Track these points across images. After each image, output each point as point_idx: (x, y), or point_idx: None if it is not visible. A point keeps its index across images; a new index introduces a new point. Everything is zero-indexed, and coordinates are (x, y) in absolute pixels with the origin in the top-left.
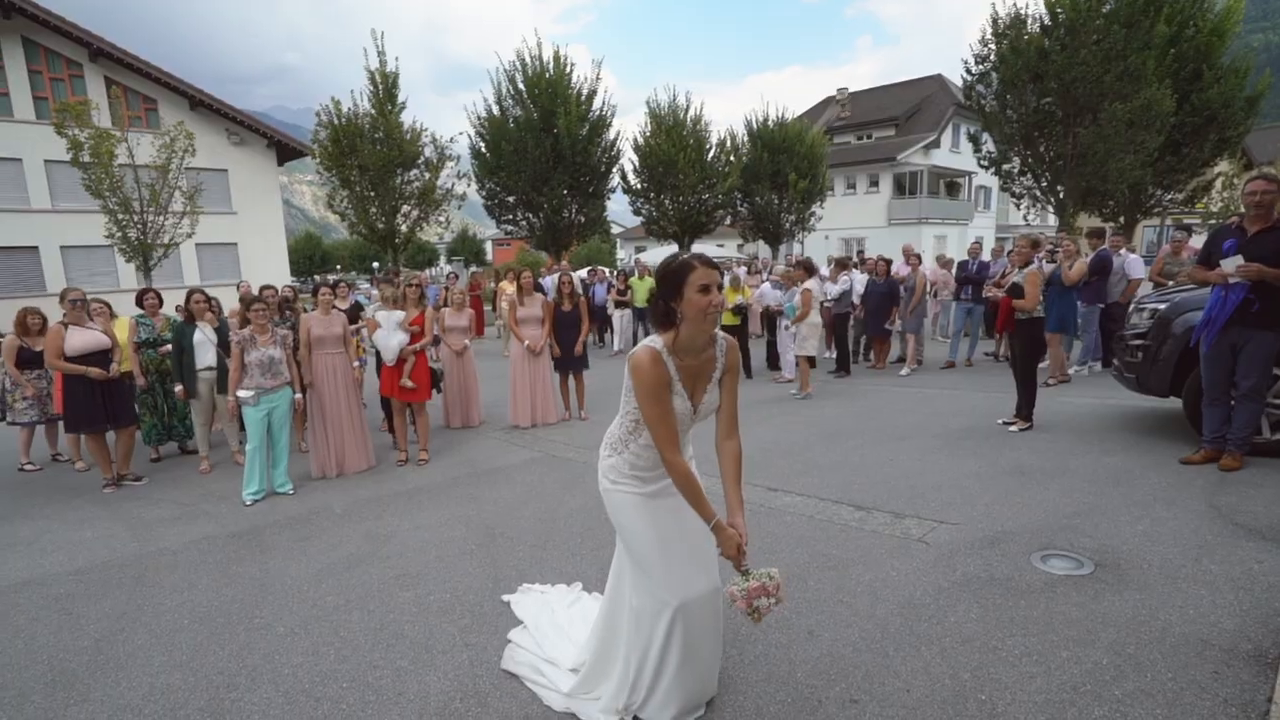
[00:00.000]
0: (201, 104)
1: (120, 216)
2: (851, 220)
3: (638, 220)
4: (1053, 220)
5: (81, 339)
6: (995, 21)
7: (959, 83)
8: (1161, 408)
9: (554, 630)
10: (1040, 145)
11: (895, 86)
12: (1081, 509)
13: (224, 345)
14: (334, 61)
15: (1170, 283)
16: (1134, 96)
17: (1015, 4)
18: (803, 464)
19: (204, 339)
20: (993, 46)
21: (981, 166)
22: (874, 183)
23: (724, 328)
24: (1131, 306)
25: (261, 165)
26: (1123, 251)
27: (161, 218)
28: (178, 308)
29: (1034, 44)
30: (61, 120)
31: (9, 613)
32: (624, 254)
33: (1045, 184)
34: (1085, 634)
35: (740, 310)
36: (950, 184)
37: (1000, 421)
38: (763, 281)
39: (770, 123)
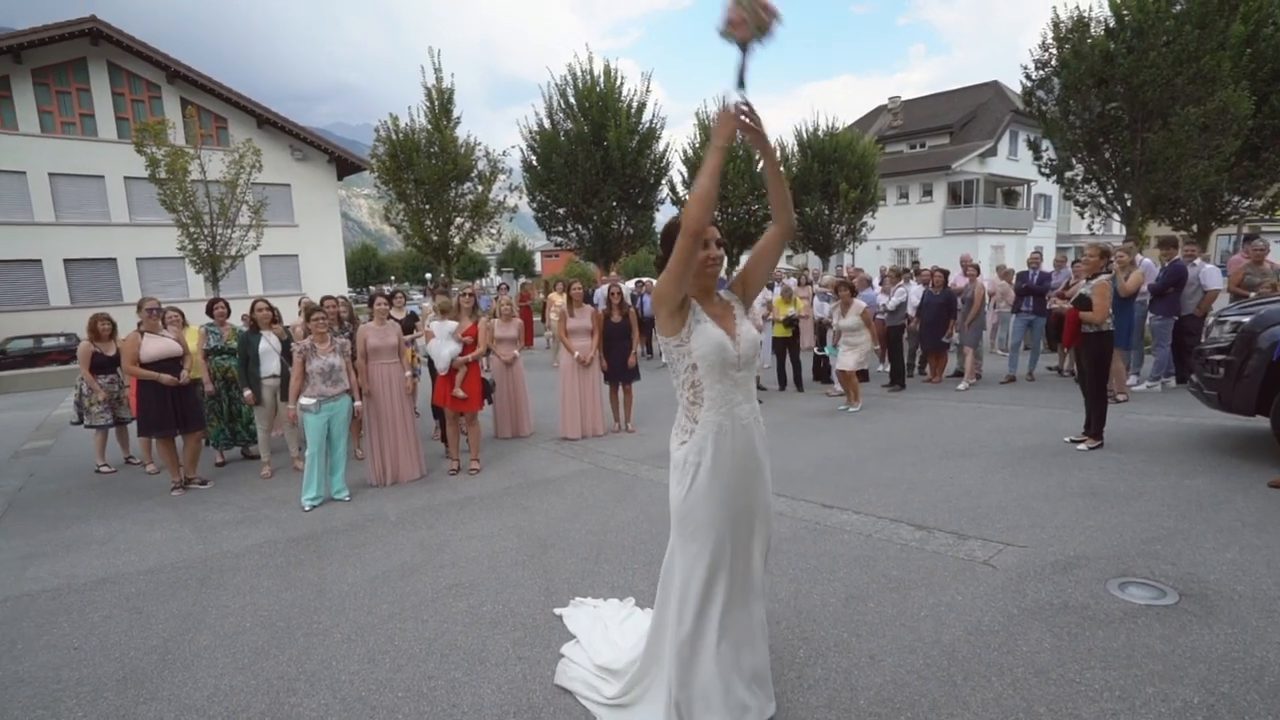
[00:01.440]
0: (268, 122)
1: (192, 230)
2: (904, 230)
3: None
4: (1117, 229)
5: (155, 346)
6: (1057, 26)
7: (1016, 89)
8: (1246, 427)
9: (606, 645)
10: (1105, 151)
11: (949, 94)
12: (1161, 534)
13: (288, 354)
14: (391, 79)
15: (1252, 294)
16: (1208, 99)
17: (1078, 7)
18: (858, 480)
19: (268, 348)
20: (1054, 51)
21: (1042, 174)
22: (928, 192)
23: (776, 340)
24: (1210, 319)
25: (322, 180)
26: (1198, 261)
27: (229, 231)
28: (243, 317)
29: (1098, 48)
30: (141, 139)
31: (85, 609)
32: None
33: (1111, 191)
34: (1172, 669)
35: (792, 322)
36: (1008, 193)
37: (1068, 439)
38: (814, 293)
39: (820, 132)
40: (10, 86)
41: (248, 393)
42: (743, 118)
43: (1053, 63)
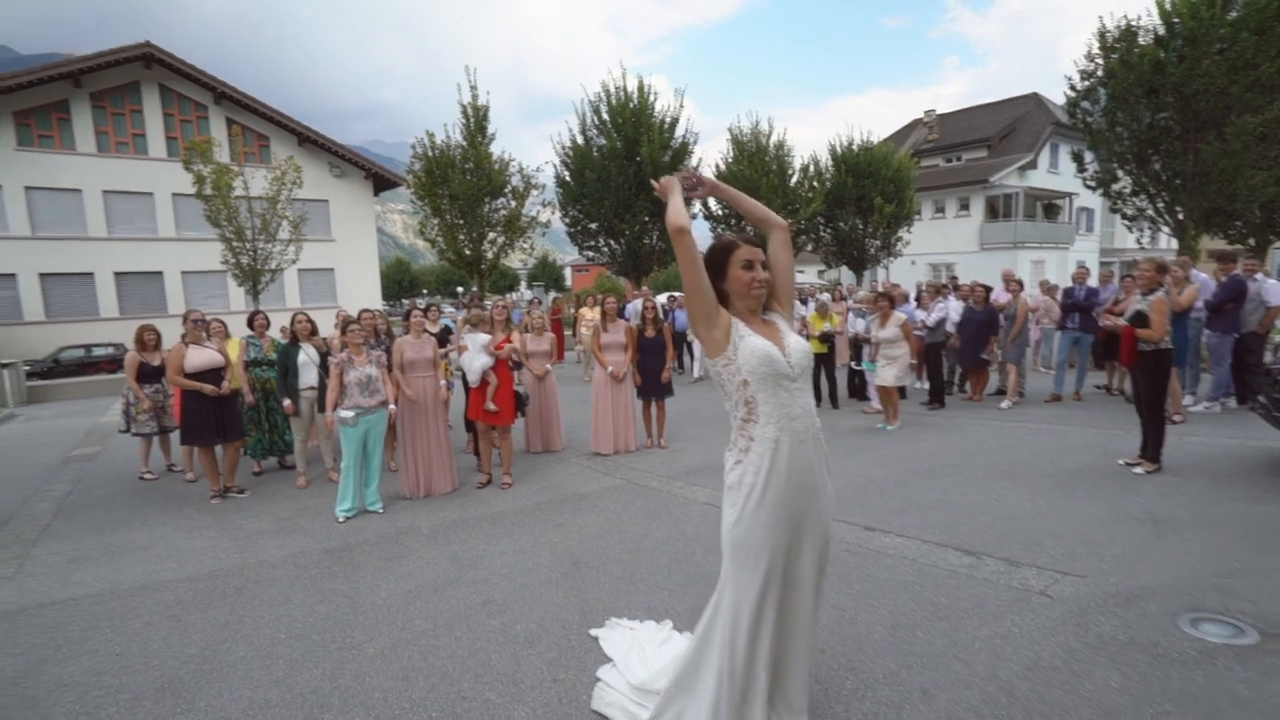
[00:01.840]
0: (308, 140)
1: (234, 244)
2: (940, 245)
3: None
4: (1165, 243)
5: (199, 357)
6: (1103, 35)
7: (1057, 101)
8: None
9: (643, 669)
10: (1155, 163)
11: (986, 107)
12: (1234, 567)
13: (325, 366)
14: (426, 98)
15: None
16: (1266, 108)
17: (1125, 16)
18: (900, 502)
19: (307, 360)
20: (1100, 61)
21: (1088, 187)
22: (964, 206)
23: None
24: (1278, 337)
25: (359, 195)
26: (1259, 276)
27: (270, 245)
28: (282, 329)
29: (1148, 56)
30: (189, 157)
31: (127, 616)
32: None
33: (1162, 204)
34: (1261, 719)
35: (828, 338)
36: (1048, 206)
37: (1122, 462)
38: (848, 308)
39: (855, 146)
40: (70, 109)
41: (287, 402)
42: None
43: (1099, 73)
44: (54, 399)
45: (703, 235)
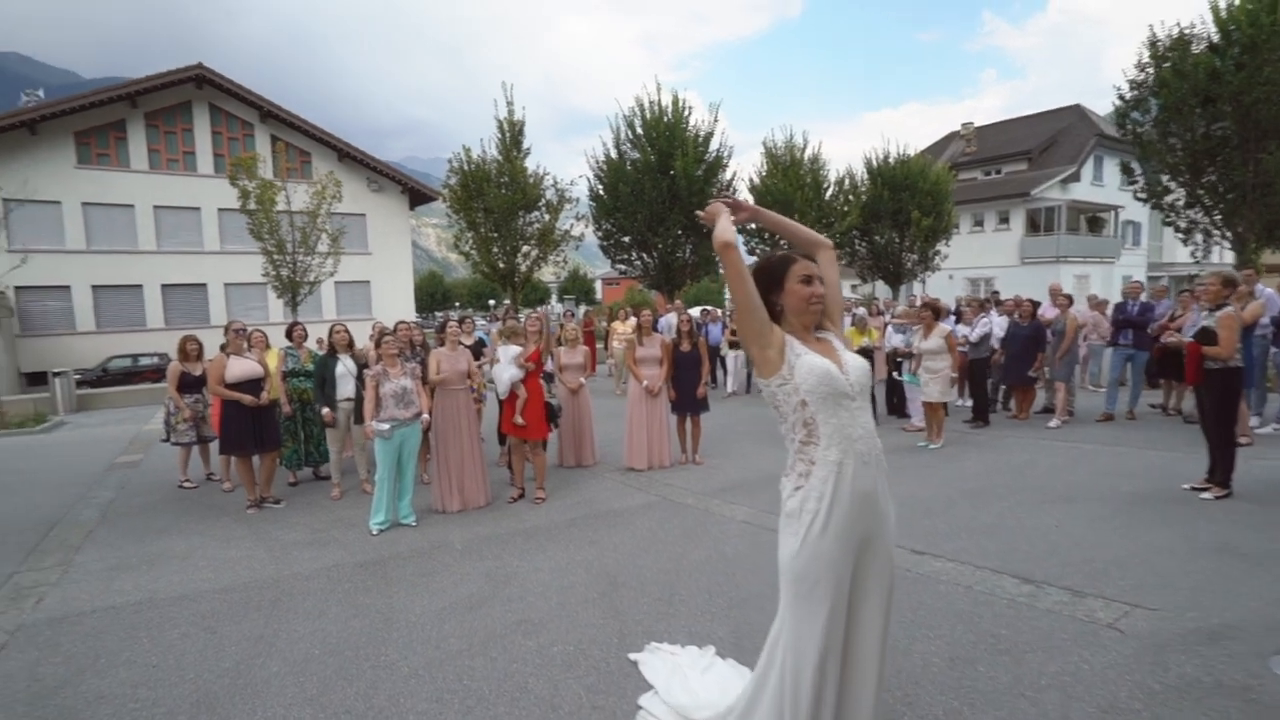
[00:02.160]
0: (348, 155)
1: (275, 257)
2: (979, 259)
3: (750, 260)
4: (1218, 257)
5: (240, 368)
6: (1154, 45)
7: (1100, 112)
8: None
9: (685, 695)
10: (1211, 174)
11: (1026, 119)
12: None
13: (363, 378)
14: (461, 115)
15: None
16: None
17: (1178, 24)
18: (949, 525)
19: (345, 371)
20: (1151, 71)
21: (1138, 200)
22: (1004, 219)
23: None
24: None
25: (395, 209)
26: None
27: (310, 257)
28: (319, 340)
29: (1202, 65)
30: (235, 173)
31: (164, 626)
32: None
33: (1219, 217)
34: None
35: (866, 353)
36: (1092, 219)
37: (1188, 486)
38: (885, 323)
39: (891, 159)
40: (126, 129)
41: (326, 411)
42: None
43: (1149, 83)
44: (101, 407)
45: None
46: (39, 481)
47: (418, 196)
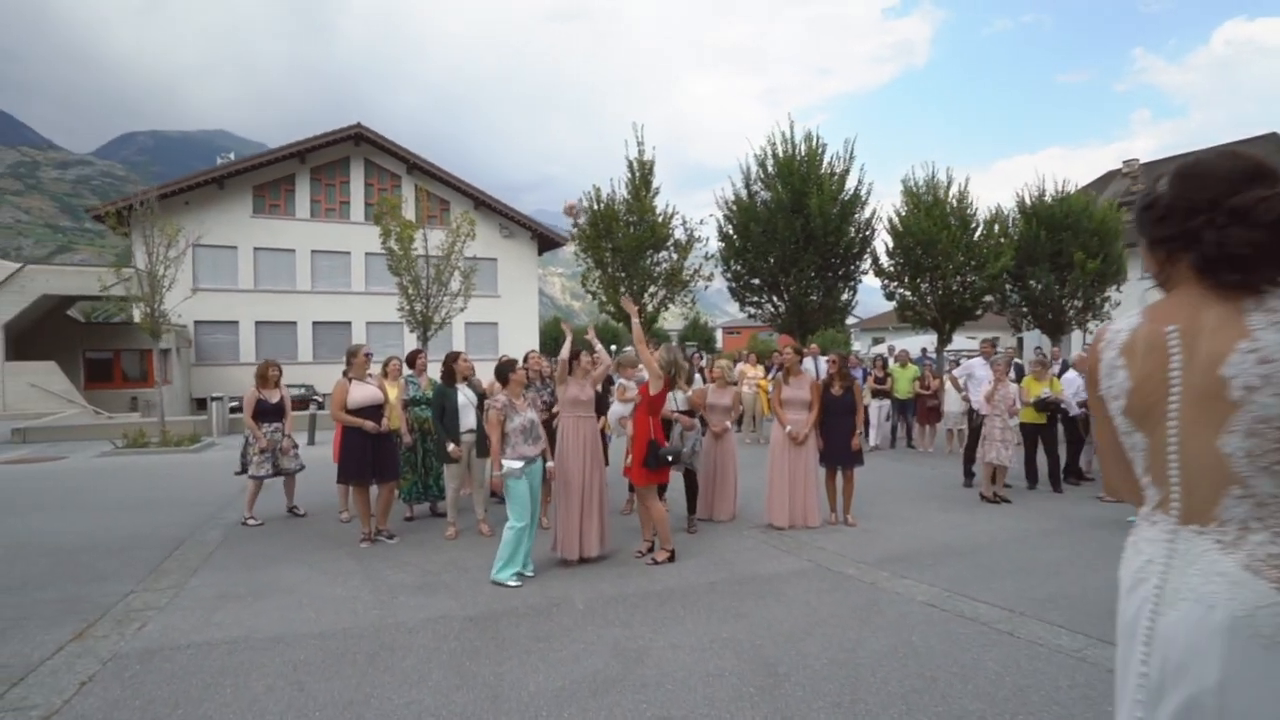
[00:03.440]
0: (483, 204)
1: (410, 292)
2: None
3: (875, 310)
4: None
5: (361, 393)
6: None
7: None
8: None
9: None
10: None
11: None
12: None
13: (483, 407)
14: (589, 171)
15: None
16: None
17: None
18: None
19: (466, 401)
20: None
21: None
22: None
23: (1025, 426)
24: None
25: (524, 255)
26: None
27: (442, 294)
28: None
29: None
30: (380, 214)
31: (251, 675)
32: (858, 345)
33: None
34: None
35: (1047, 406)
36: None
37: None
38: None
39: (1048, 197)
40: (295, 182)
41: (452, 447)
42: None
43: None
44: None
45: (859, 298)
46: (179, 498)
47: (546, 242)
